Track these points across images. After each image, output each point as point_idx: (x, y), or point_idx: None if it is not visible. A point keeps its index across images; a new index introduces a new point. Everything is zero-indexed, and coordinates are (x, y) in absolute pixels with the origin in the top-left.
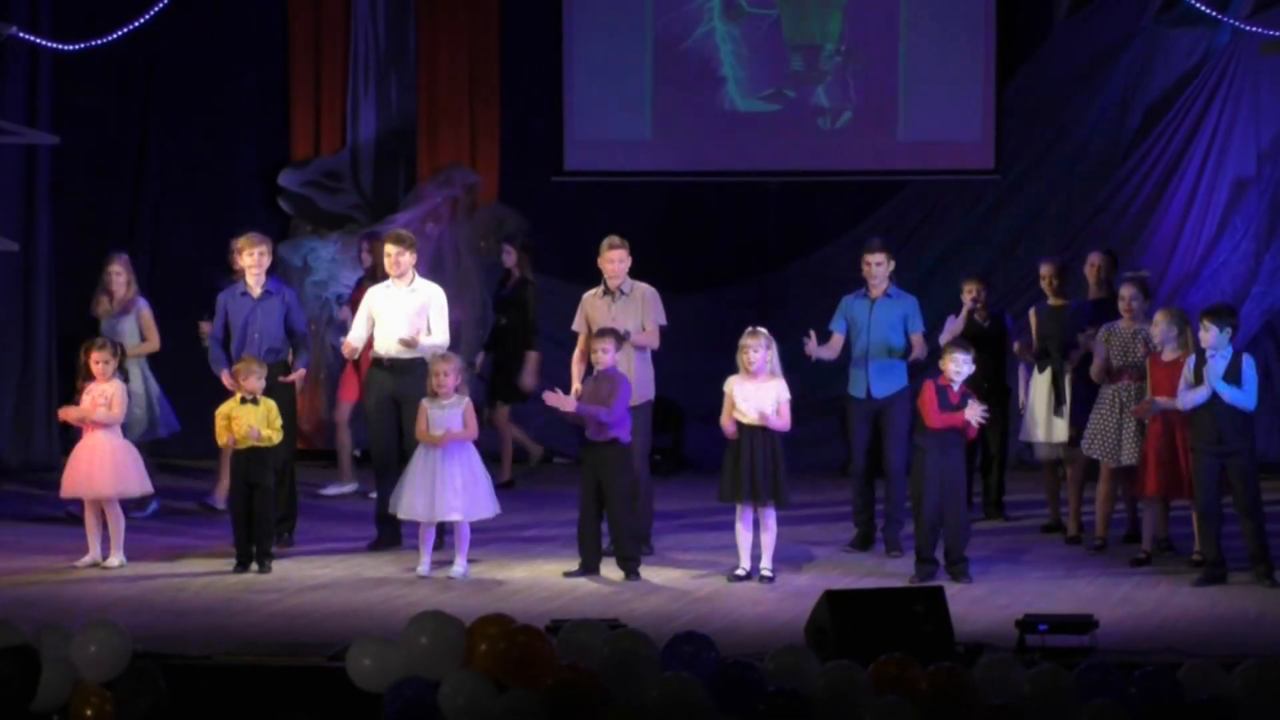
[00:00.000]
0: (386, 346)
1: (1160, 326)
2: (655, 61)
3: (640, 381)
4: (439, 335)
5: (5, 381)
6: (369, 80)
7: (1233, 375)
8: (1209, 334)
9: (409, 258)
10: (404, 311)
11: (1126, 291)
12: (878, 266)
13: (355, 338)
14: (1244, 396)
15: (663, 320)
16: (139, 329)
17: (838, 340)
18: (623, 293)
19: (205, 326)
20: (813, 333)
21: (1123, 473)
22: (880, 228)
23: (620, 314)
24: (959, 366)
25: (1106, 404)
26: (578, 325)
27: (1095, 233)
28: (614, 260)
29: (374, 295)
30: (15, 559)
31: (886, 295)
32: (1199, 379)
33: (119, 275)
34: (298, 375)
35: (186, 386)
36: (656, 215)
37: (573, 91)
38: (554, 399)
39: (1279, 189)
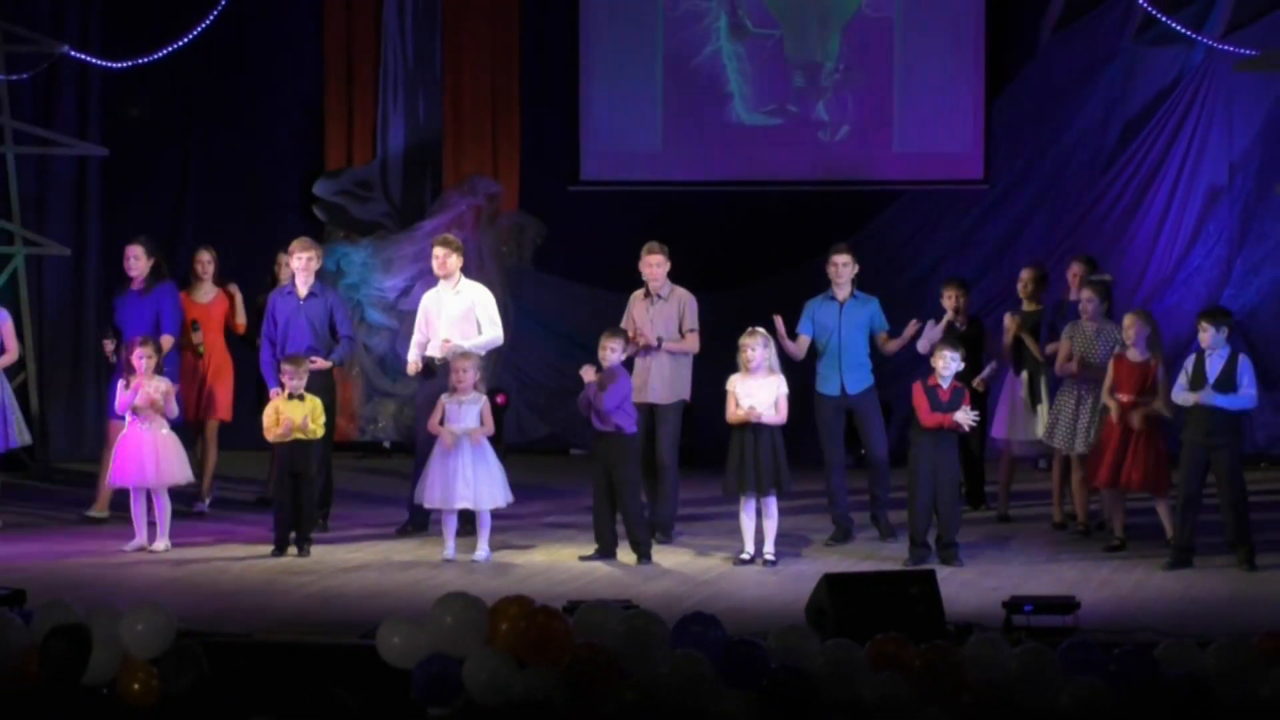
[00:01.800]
0: (436, 348)
1: (1133, 329)
2: (666, 78)
3: (674, 381)
4: (490, 331)
5: (57, 380)
6: (398, 95)
7: (1228, 374)
8: (1207, 334)
9: (455, 260)
10: (452, 313)
11: (1084, 294)
12: (844, 267)
13: (418, 344)
14: (1243, 400)
15: (694, 325)
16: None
17: (804, 341)
18: (660, 296)
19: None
20: (780, 319)
21: (1079, 460)
22: (876, 235)
23: (657, 315)
24: (946, 364)
25: (1066, 396)
26: (625, 323)
27: (1079, 239)
28: (650, 265)
29: (428, 299)
30: (68, 544)
31: (853, 297)
32: (1198, 378)
33: None
34: (318, 362)
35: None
36: (667, 222)
37: (589, 106)
38: (586, 371)
39: (1250, 198)
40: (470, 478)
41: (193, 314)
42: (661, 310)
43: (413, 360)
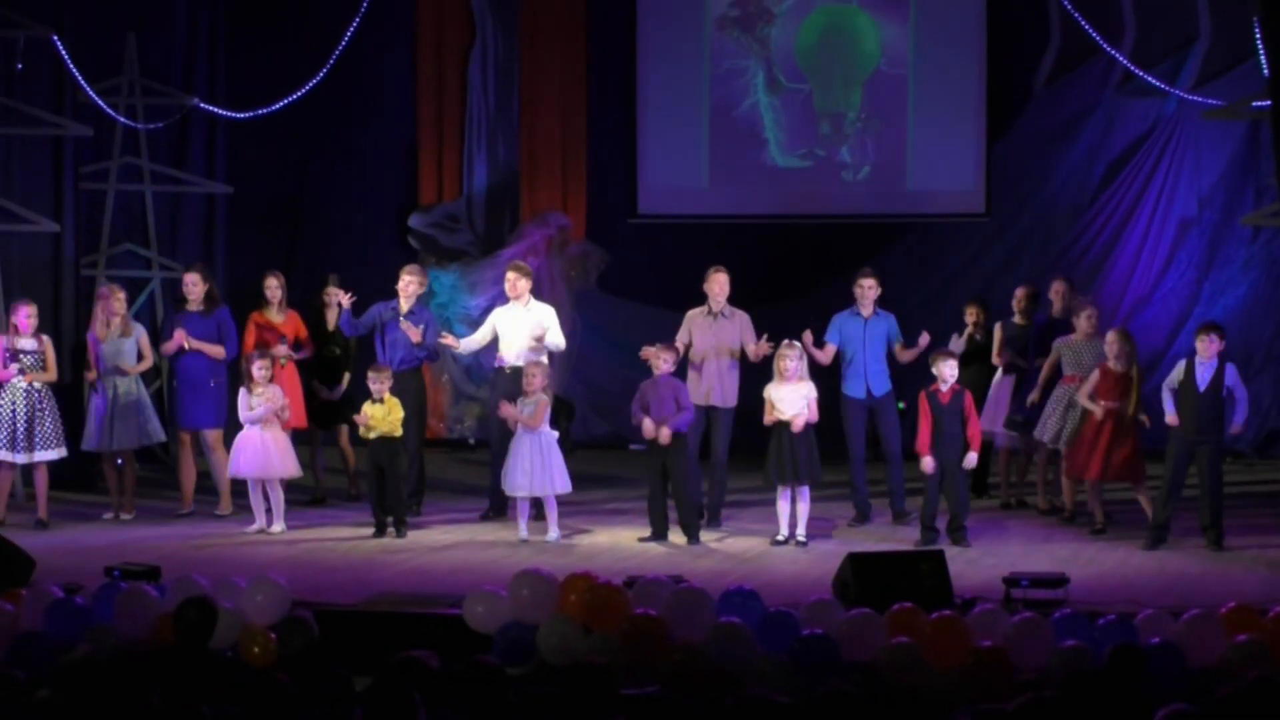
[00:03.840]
0: (510, 356)
1: (1115, 344)
2: (711, 126)
3: (730, 389)
4: (555, 339)
5: None
6: (481, 140)
7: (1217, 381)
8: (1213, 345)
9: (525, 283)
10: (524, 328)
11: (1086, 313)
12: (870, 290)
13: (468, 339)
14: (1244, 408)
15: (754, 340)
16: (138, 350)
17: (830, 349)
18: (724, 315)
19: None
20: (809, 333)
21: (1058, 454)
22: (891, 262)
23: (721, 331)
24: (946, 372)
25: (1057, 400)
26: (682, 338)
27: (1066, 265)
28: (717, 283)
29: (498, 315)
30: (196, 527)
31: (875, 314)
32: (1189, 384)
33: (121, 303)
34: (411, 327)
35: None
36: (712, 250)
37: (645, 150)
38: (649, 428)
39: (1216, 228)
40: (529, 469)
41: (266, 334)
42: (725, 327)
43: (461, 341)
